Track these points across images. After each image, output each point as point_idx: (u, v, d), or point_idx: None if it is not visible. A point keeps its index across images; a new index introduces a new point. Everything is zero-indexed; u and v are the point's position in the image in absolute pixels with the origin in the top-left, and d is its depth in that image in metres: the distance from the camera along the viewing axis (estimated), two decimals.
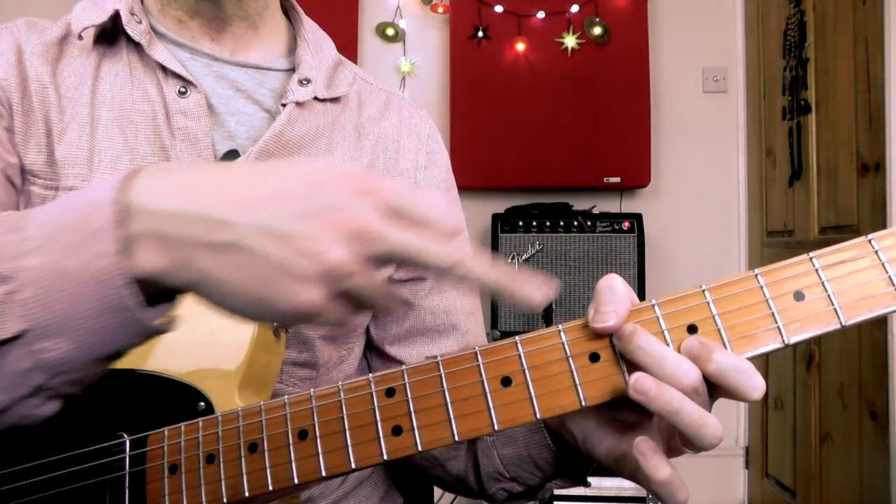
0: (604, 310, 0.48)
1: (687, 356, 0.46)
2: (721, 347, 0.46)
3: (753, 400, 0.45)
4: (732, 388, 0.45)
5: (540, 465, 0.69)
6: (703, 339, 0.46)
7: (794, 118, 2.45)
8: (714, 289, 0.47)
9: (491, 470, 0.74)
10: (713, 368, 0.45)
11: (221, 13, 0.74)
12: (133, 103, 0.70)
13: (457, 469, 0.78)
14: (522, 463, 0.71)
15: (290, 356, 0.72)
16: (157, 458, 0.55)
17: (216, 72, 0.74)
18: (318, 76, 0.76)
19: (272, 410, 0.53)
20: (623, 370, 0.48)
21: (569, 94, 2.74)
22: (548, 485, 0.72)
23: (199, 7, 0.73)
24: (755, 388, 0.45)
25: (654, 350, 0.46)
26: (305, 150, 0.73)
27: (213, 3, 0.73)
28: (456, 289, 0.83)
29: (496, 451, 0.73)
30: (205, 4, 0.73)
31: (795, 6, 2.44)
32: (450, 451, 0.79)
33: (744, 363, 0.45)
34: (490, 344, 0.50)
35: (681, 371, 0.46)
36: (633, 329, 0.47)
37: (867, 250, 0.46)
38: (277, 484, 0.51)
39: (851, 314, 0.45)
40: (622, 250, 2.49)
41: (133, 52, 0.72)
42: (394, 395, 0.50)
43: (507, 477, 0.73)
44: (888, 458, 1.88)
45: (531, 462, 0.69)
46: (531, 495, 0.74)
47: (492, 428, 0.48)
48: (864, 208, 2.04)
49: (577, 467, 0.67)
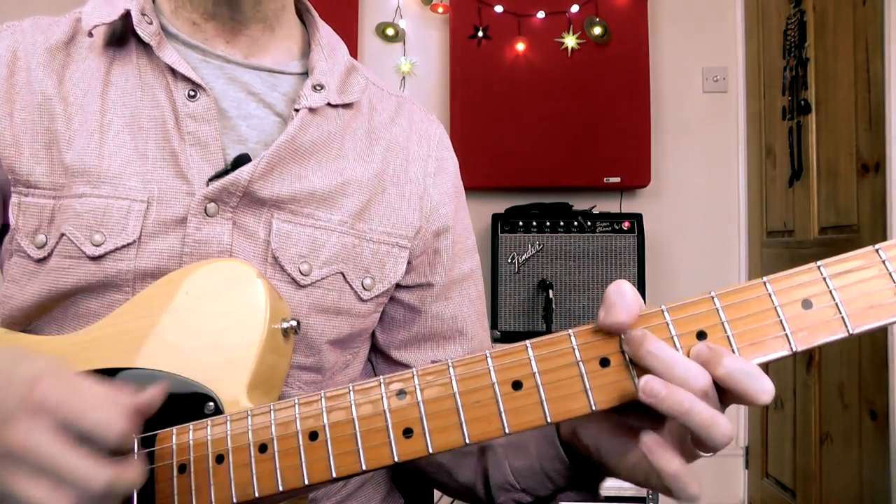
0: (614, 309, 0.48)
1: (696, 361, 0.47)
2: (730, 352, 0.47)
3: (763, 403, 0.46)
4: (741, 391, 0.46)
5: (552, 478, 0.69)
6: (713, 345, 0.47)
7: (794, 118, 2.45)
8: (723, 295, 0.48)
9: (501, 481, 0.74)
10: (723, 372, 0.46)
11: (239, 15, 0.73)
12: (143, 108, 0.70)
13: (465, 478, 0.78)
14: (535, 475, 0.70)
15: (297, 360, 0.72)
16: (166, 457, 0.55)
17: (228, 74, 0.74)
18: (331, 82, 0.75)
19: (282, 411, 0.53)
20: (633, 375, 0.48)
21: (569, 94, 2.74)
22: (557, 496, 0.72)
23: (216, 10, 0.73)
24: (764, 392, 0.46)
25: (665, 355, 0.47)
26: (316, 155, 0.73)
27: (231, 6, 0.72)
28: (462, 295, 0.83)
29: (508, 463, 0.73)
30: (222, 8, 0.72)
31: (795, 6, 2.45)
32: (458, 459, 0.78)
33: (752, 367, 0.46)
34: (500, 348, 0.51)
35: (691, 375, 0.46)
36: (643, 334, 0.47)
37: (875, 260, 0.47)
38: (288, 485, 0.52)
39: (859, 323, 0.46)
40: (622, 250, 2.49)
41: (143, 54, 0.71)
42: (405, 398, 0.51)
43: (517, 488, 0.73)
44: (888, 458, 1.89)
45: (543, 474, 0.69)
46: None
47: (503, 431, 0.49)
48: (864, 208, 2.04)
49: (590, 480, 0.67)
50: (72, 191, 0.67)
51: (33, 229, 0.67)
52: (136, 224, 0.66)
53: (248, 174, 0.67)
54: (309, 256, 0.70)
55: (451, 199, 0.82)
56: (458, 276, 0.82)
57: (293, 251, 0.70)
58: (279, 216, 0.70)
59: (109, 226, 0.66)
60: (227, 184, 0.67)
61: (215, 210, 0.67)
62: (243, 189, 0.67)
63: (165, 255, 0.66)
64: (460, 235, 0.83)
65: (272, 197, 0.69)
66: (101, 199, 0.66)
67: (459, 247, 0.83)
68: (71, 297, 0.67)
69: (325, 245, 0.71)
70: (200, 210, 0.67)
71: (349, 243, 0.73)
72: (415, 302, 0.81)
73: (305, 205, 0.71)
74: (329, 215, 0.72)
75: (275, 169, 0.69)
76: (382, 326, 0.82)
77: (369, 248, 0.74)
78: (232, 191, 0.67)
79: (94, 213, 0.66)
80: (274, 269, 0.69)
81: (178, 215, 0.67)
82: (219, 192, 0.67)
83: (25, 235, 0.67)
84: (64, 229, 0.66)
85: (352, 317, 0.74)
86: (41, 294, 0.67)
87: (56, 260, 0.66)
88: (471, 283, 0.84)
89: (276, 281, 0.69)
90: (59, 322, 0.68)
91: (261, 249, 0.69)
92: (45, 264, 0.66)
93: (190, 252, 0.66)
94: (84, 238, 0.65)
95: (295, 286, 0.70)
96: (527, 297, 2.48)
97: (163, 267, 0.66)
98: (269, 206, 0.69)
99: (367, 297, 0.75)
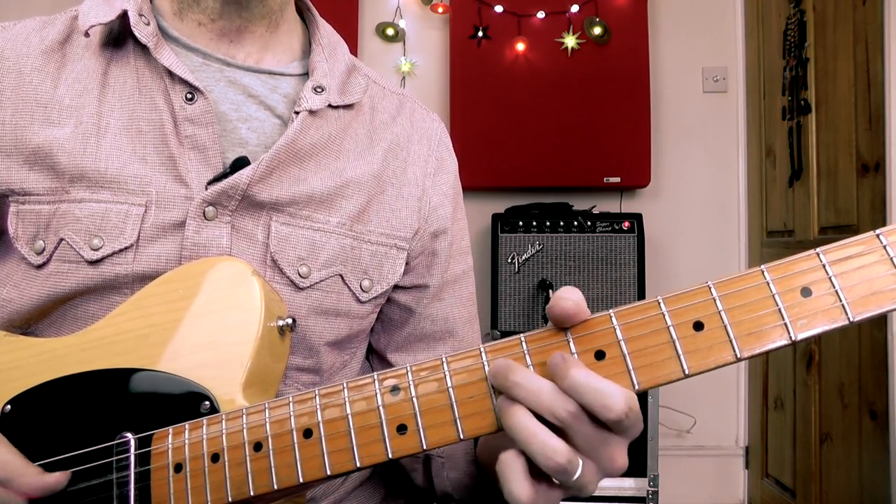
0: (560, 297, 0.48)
1: (549, 370, 0.47)
2: (580, 364, 0.46)
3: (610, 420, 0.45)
4: (587, 405, 0.45)
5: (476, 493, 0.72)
6: (566, 356, 0.47)
7: (794, 118, 2.45)
8: (720, 284, 0.47)
9: (442, 489, 0.77)
10: (567, 385, 0.46)
11: (247, 13, 0.73)
12: (141, 111, 0.69)
13: (419, 481, 0.80)
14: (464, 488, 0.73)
15: (296, 361, 0.72)
16: (162, 458, 0.55)
17: (228, 77, 0.73)
18: (331, 83, 0.74)
19: (276, 409, 0.53)
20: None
21: (569, 94, 2.74)
22: None
23: (224, 10, 0.72)
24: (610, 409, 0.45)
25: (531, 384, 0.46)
26: (316, 157, 0.72)
27: (239, 4, 0.71)
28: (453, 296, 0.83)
29: (446, 473, 0.76)
30: (230, 7, 0.72)
31: (795, 6, 2.44)
32: (413, 464, 0.80)
33: (601, 382, 0.45)
34: (495, 343, 0.50)
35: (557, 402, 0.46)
36: (506, 365, 0.47)
37: (875, 245, 0.45)
38: (283, 483, 0.52)
39: (860, 310, 0.44)
40: (622, 250, 2.49)
41: (140, 56, 0.71)
42: (399, 394, 0.50)
43: (454, 499, 0.75)
44: (888, 458, 1.88)
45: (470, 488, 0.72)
46: None
47: (496, 427, 0.48)
48: (863, 208, 2.04)
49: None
50: (70, 195, 0.66)
51: (32, 235, 0.67)
52: (133, 228, 0.66)
53: (248, 177, 0.67)
54: (308, 259, 0.70)
55: (450, 200, 0.82)
56: (451, 277, 0.82)
57: (292, 253, 0.69)
58: (278, 219, 0.69)
59: (108, 230, 0.65)
60: (225, 187, 0.66)
61: (214, 213, 0.67)
62: (242, 192, 0.67)
63: (164, 258, 0.66)
64: (457, 237, 0.83)
65: (271, 200, 0.69)
66: (100, 203, 0.66)
67: (455, 248, 0.83)
68: (70, 300, 0.67)
69: (323, 247, 0.71)
70: (199, 214, 0.66)
71: (348, 245, 0.73)
72: (410, 303, 0.81)
73: (304, 207, 0.71)
74: (328, 217, 0.72)
75: (274, 172, 0.69)
76: (380, 328, 0.82)
77: (368, 249, 0.74)
78: (231, 194, 0.67)
79: (93, 218, 0.65)
80: (273, 271, 0.69)
81: (177, 219, 0.66)
82: (217, 196, 0.66)
83: (25, 242, 0.67)
84: (63, 234, 0.66)
85: (350, 318, 0.74)
86: (40, 298, 0.66)
87: (55, 265, 0.66)
88: (463, 285, 0.84)
89: (275, 283, 0.69)
90: (57, 325, 0.68)
91: (259, 252, 0.69)
92: (44, 269, 0.66)
93: (188, 256, 0.66)
94: (83, 243, 0.65)
95: (294, 288, 0.70)
96: (527, 297, 2.48)
97: (161, 270, 0.66)
98: (267, 209, 0.69)
99: (366, 298, 0.74)
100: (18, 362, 0.64)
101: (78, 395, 0.61)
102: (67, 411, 0.60)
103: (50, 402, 0.61)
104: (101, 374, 0.61)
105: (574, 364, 0.46)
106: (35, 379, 0.62)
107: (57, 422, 0.60)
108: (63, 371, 0.62)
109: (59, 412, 0.60)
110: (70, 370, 0.62)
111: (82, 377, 0.61)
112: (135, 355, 0.61)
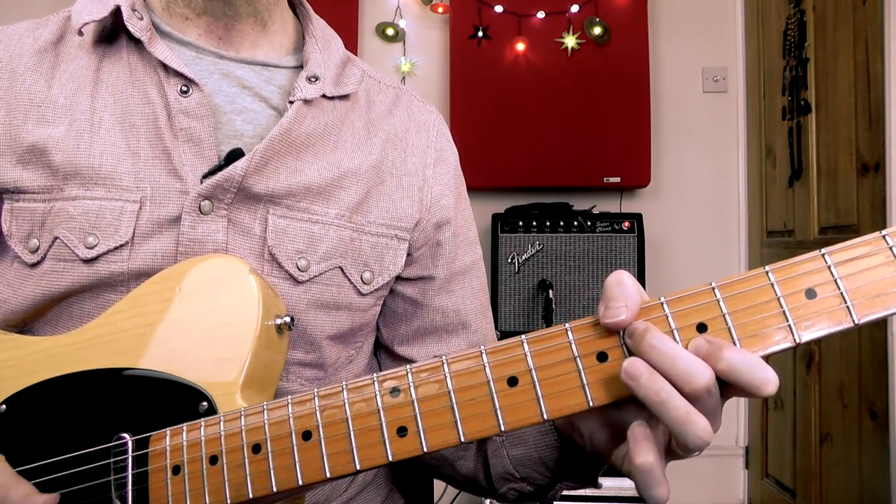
0: (614, 304, 0.47)
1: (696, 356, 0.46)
2: (730, 345, 0.45)
3: (767, 394, 0.45)
4: (745, 384, 0.45)
5: (549, 466, 0.69)
6: (711, 338, 0.46)
7: (794, 118, 2.45)
8: (724, 286, 0.46)
9: (501, 470, 0.73)
10: (724, 366, 0.45)
11: (231, 10, 0.72)
12: (134, 105, 0.68)
13: (466, 469, 0.78)
14: (532, 464, 0.70)
15: (297, 356, 0.71)
16: (160, 459, 0.55)
17: (222, 70, 0.73)
18: (326, 73, 0.74)
19: (275, 410, 0.53)
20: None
21: (569, 94, 2.74)
22: (558, 485, 0.72)
23: (209, 5, 0.72)
24: (768, 382, 0.44)
25: (667, 348, 0.45)
26: (313, 148, 0.72)
27: (224, 1, 0.71)
28: (464, 288, 0.82)
29: (506, 452, 0.72)
30: (215, 3, 0.71)
31: (795, 6, 2.44)
32: (459, 451, 0.78)
33: (754, 358, 0.45)
34: (496, 343, 0.50)
35: (693, 370, 0.45)
36: (645, 327, 0.46)
37: (881, 246, 0.45)
38: (282, 485, 0.51)
39: (864, 312, 0.44)
40: (622, 250, 2.49)
41: (133, 51, 0.70)
42: (399, 396, 0.50)
43: (517, 477, 0.73)
44: (888, 458, 1.88)
45: (541, 463, 0.69)
46: (542, 495, 0.74)
47: (498, 429, 0.48)
48: (863, 208, 2.04)
49: (587, 469, 0.67)
50: (64, 193, 0.66)
51: (26, 234, 0.66)
52: (128, 225, 0.65)
53: (242, 169, 0.66)
54: (306, 252, 0.70)
55: (452, 190, 0.81)
56: (459, 268, 0.82)
57: (290, 247, 0.69)
58: (275, 211, 0.69)
59: (102, 227, 0.65)
60: (221, 180, 0.66)
61: (209, 207, 0.66)
62: (238, 185, 0.66)
63: (160, 255, 0.66)
64: (462, 227, 0.82)
65: (267, 192, 0.68)
66: (94, 201, 0.65)
67: (461, 239, 0.82)
68: (65, 299, 0.66)
69: (322, 239, 0.71)
70: (194, 208, 0.66)
71: (347, 237, 0.72)
72: (416, 295, 0.80)
73: (301, 199, 0.70)
74: (326, 209, 0.71)
75: (269, 163, 0.68)
76: (385, 321, 0.81)
77: (368, 241, 0.74)
78: (226, 187, 0.66)
79: (88, 216, 0.65)
80: (271, 265, 0.68)
81: (172, 214, 0.66)
82: (213, 189, 0.66)
83: (19, 241, 0.66)
84: (57, 232, 0.65)
85: (351, 311, 0.74)
86: (35, 297, 0.66)
87: (49, 263, 0.65)
88: (473, 276, 0.83)
89: (274, 278, 0.68)
90: (53, 323, 0.67)
91: (257, 246, 0.68)
92: (39, 268, 0.66)
93: (185, 251, 0.65)
94: (77, 241, 0.65)
95: (293, 282, 0.69)
96: (527, 297, 2.48)
97: (157, 267, 0.65)
98: (264, 202, 0.68)
99: (367, 290, 0.74)
100: (14, 361, 0.63)
101: (74, 394, 0.60)
102: (63, 411, 0.60)
103: (46, 402, 0.60)
104: (97, 374, 0.60)
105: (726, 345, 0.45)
106: (31, 378, 0.61)
107: (53, 422, 0.60)
108: (59, 370, 0.61)
109: (56, 412, 0.60)
110: (66, 369, 0.61)
111: (78, 376, 0.61)
112: (131, 354, 0.61)
